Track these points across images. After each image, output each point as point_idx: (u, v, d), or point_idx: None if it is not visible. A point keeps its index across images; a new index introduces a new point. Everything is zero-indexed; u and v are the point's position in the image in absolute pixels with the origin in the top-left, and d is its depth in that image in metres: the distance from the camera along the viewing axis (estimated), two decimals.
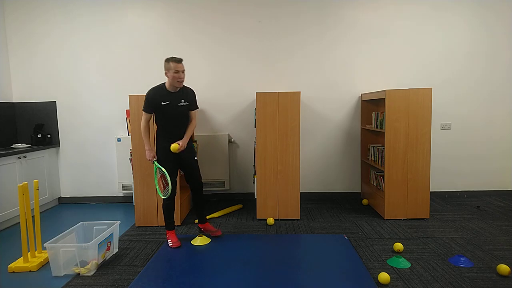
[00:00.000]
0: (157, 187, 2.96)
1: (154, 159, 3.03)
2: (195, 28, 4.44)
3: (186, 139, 3.03)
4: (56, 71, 4.51)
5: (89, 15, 4.43)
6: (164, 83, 2.99)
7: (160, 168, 2.99)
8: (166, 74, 2.91)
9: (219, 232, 3.30)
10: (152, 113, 3.03)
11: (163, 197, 2.96)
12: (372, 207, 4.17)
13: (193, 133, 3.24)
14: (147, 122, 3.03)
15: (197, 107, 3.19)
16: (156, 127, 3.11)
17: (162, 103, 2.93)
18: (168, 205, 3.10)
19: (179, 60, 2.88)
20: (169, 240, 3.14)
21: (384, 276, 2.39)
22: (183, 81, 2.93)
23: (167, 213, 3.12)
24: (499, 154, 4.58)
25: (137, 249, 3.09)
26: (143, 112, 3.00)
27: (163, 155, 3.04)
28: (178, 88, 2.99)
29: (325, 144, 4.61)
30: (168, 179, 2.92)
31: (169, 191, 2.94)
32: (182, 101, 3.00)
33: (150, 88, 2.99)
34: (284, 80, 4.50)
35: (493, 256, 2.81)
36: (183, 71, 2.90)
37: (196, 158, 3.22)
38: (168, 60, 2.89)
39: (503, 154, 4.59)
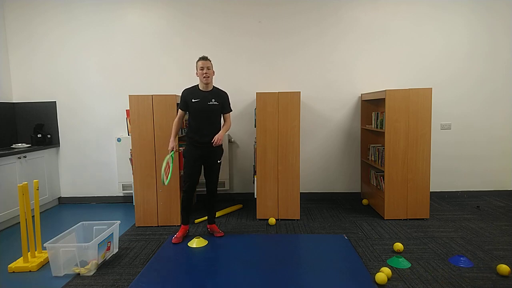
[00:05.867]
0: (163, 172, 3.02)
1: (173, 150, 3.22)
2: (195, 28, 4.44)
3: (222, 132, 3.16)
4: (56, 71, 4.51)
5: (89, 15, 4.43)
6: (197, 84, 3.20)
7: (172, 160, 3.22)
8: (196, 74, 3.13)
9: (222, 233, 3.37)
10: (185, 111, 3.22)
11: (164, 183, 3.07)
12: (372, 207, 4.17)
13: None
14: (179, 118, 3.25)
15: (231, 110, 3.33)
16: (187, 128, 3.29)
17: (193, 100, 3.11)
18: (183, 200, 3.27)
19: (204, 57, 3.10)
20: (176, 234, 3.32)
21: (381, 276, 2.37)
22: (208, 77, 3.08)
23: (182, 207, 3.30)
24: (499, 154, 4.59)
25: (137, 249, 3.09)
26: (178, 109, 3.25)
27: (188, 151, 3.21)
28: (210, 88, 3.17)
29: (325, 144, 4.61)
30: (170, 171, 3.22)
31: (166, 182, 3.12)
32: (213, 100, 3.14)
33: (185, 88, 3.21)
34: (284, 80, 4.50)
35: (493, 256, 2.81)
36: (208, 68, 3.07)
37: (219, 161, 3.31)
38: (196, 61, 3.13)
39: (503, 154, 4.59)
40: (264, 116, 3.68)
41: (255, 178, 3.80)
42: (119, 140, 4.43)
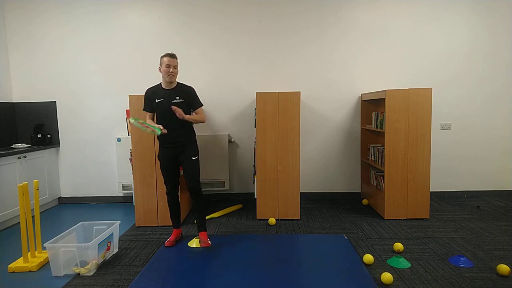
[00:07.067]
0: (149, 129, 2.83)
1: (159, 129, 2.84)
2: (195, 28, 4.44)
3: (189, 116, 2.94)
4: (56, 71, 4.51)
5: (89, 15, 4.43)
6: (161, 82, 3.06)
7: (139, 122, 2.86)
8: (159, 69, 2.98)
9: (208, 244, 3.01)
10: (151, 112, 3.09)
11: (158, 131, 2.80)
12: (372, 207, 4.17)
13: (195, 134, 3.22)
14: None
15: (201, 104, 3.12)
16: None
17: (156, 100, 2.98)
18: (168, 203, 3.18)
19: (171, 55, 2.94)
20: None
21: (386, 276, 2.38)
22: (173, 75, 2.94)
23: (169, 210, 3.21)
24: (499, 154, 4.59)
25: (137, 249, 3.09)
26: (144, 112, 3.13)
27: (161, 154, 3.10)
28: (174, 85, 3.02)
29: (325, 144, 4.61)
30: (149, 125, 2.87)
31: (157, 130, 2.81)
32: (177, 97, 2.97)
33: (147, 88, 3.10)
34: (284, 80, 4.50)
35: (493, 256, 2.81)
36: (174, 67, 2.94)
37: (195, 158, 3.07)
38: (162, 56, 2.96)
39: (503, 154, 4.59)
40: (264, 116, 3.68)
41: (255, 178, 3.80)
42: (119, 140, 4.43)
